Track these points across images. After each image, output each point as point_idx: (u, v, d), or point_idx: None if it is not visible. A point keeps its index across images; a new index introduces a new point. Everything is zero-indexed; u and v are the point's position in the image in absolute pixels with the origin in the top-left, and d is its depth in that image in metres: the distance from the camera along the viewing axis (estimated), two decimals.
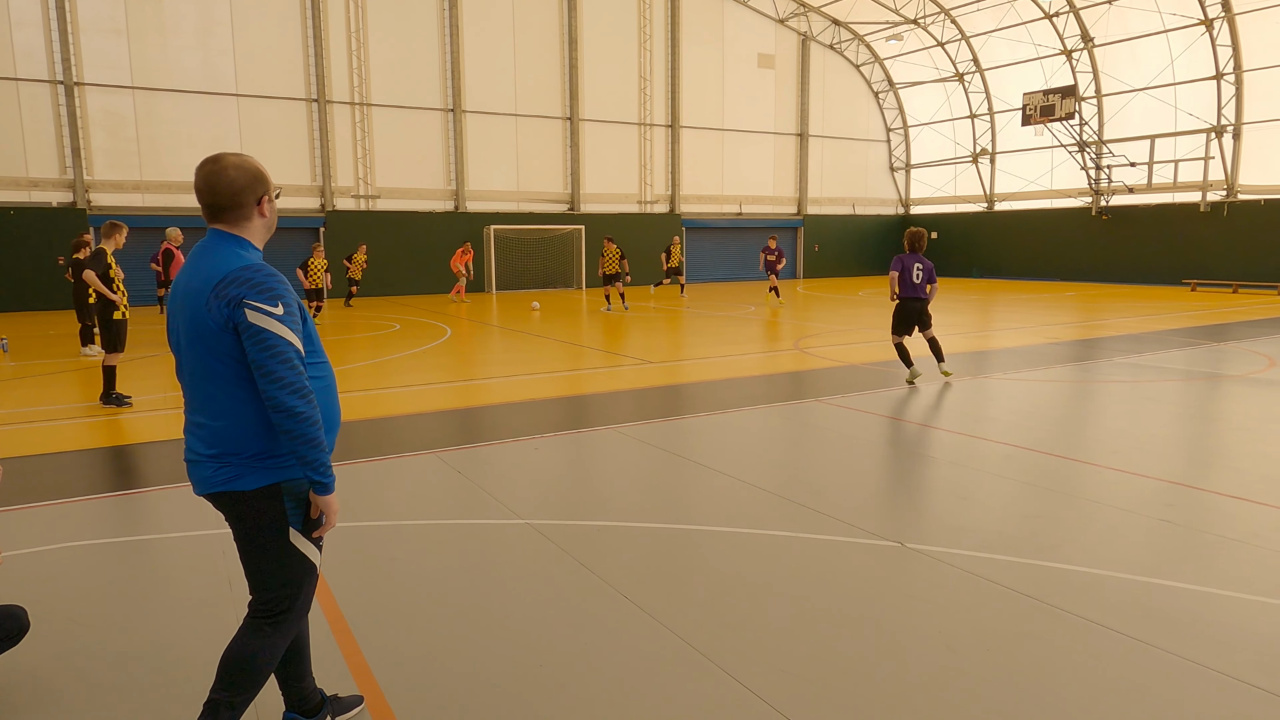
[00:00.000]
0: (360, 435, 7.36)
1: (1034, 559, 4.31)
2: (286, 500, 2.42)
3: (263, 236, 2.50)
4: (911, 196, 36.19)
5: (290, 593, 2.50)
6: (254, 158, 2.47)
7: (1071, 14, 27.76)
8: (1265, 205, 24.89)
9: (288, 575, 2.48)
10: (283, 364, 2.26)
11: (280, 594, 2.49)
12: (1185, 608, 3.73)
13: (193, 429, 2.43)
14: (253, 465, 2.37)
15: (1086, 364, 10.91)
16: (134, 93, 22.11)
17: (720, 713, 2.96)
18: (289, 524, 2.44)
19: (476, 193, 27.11)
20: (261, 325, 2.26)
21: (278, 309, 2.28)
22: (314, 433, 2.30)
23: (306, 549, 2.50)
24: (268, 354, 2.25)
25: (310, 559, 2.52)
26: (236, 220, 2.43)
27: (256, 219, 2.47)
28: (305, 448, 2.30)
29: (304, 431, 2.28)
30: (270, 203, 2.49)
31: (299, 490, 2.44)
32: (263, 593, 2.50)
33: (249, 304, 2.26)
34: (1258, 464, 6.06)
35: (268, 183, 2.49)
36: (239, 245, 2.41)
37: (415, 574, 4.21)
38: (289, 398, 2.26)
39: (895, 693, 3.07)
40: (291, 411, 2.26)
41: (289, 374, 2.27)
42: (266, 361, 2.25)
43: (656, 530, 4.81)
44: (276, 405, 2.26)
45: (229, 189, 2.39)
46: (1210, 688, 3.07)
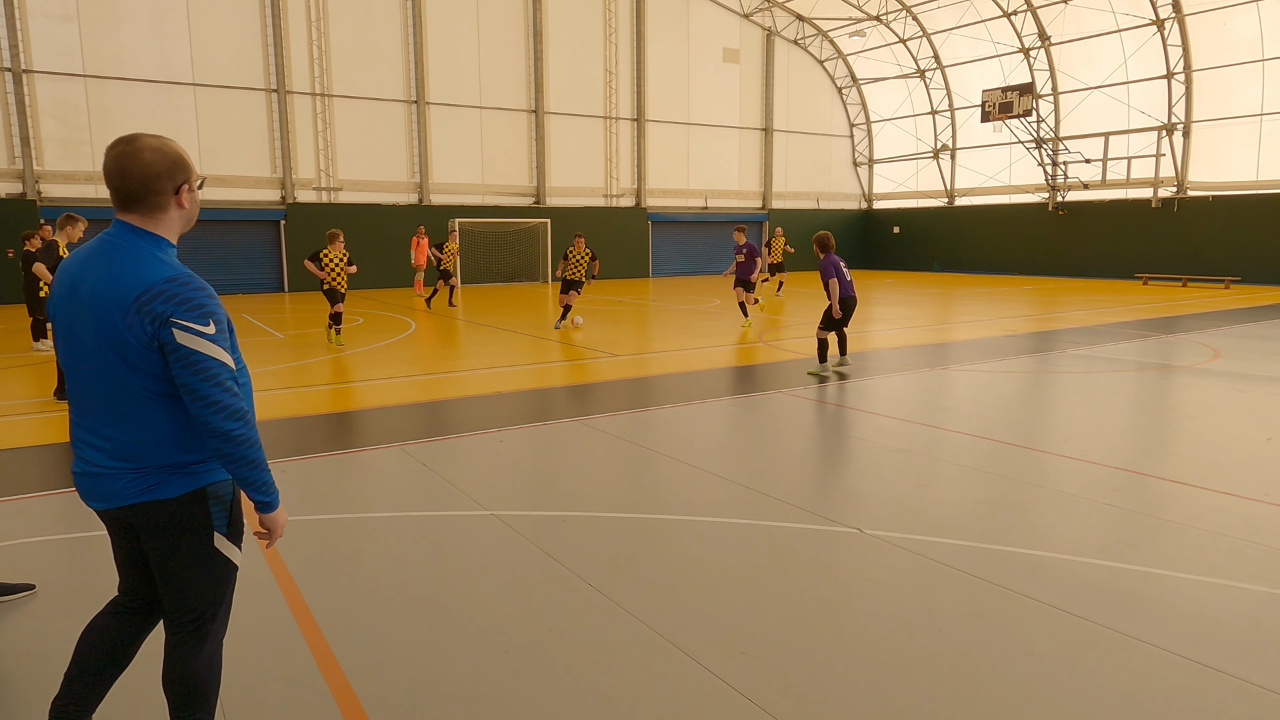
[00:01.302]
0: (323, 429, 7.32)
1: (985, 542, 4.45)
2: (211, 504, 2.29)
3: (179, 231, 2.28)
4: (874, 191, 36.66)
5: (214, 598, 2.36)
6: (176, 142, 2.24)
7: (1029, 13, 28.30)
8: (1213, 202, 25.66)
9: (212, 581, 2.34)
10: (215, 386, 2.11)
11: (204, 603, 2.35)
12: (1126, 587, 3.89)
13: (93, 441, 2.22)
14: (173, 472, 2.22)
15: (1042, 356, 11.20)
16: (86, 81, 21.55)
17: (682, 694, 3.04)
18: (214, 528, 2.31)
19: (441, 185, 26.90)
20: (192, 347, 2.09)
21: (209, 328, 2.12)
22: (253, 454, 2.18)
23: (230, 551, 2.37)
24: (199, 377, 2.10)
25: (233, 561, 2.39)
26: (150, 211, 2.19)
27: (174, 210, 2.22)
28: (244, 469, 2.18)
29: (244, 454, 2.16)
30: (191, 193, 2.25)
31: (224, 493, 2.32)
32: (183, 608, 2.34)
33: (177, 323, 2.08)
34: (1200, 450, 6.31)
35: (189, 170, 2.24)
36: (156, 246, 2.18)
37: (380, 566, 4.23)
38: (224, 422, 2.12)
39: (850, 672, 3.18)
40: (228, 435, 2.13)
41: (223, 397, 2.12)
42: (199, 385, 2.10)
43: (620, 520, 4.88)
44: (213, 430, 2.12)
45: (143, 174, 2.15)
46: (1147, 660, 3.22)
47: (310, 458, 6.29)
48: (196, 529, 2.28)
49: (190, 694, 2.39)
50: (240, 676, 3.16)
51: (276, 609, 3.73)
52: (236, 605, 3.77)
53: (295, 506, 5.15)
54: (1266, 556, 4.23)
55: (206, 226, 23.44)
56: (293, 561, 4.25)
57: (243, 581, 4.02)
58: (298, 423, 7.57)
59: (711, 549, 4.42)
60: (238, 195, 23.86)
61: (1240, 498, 5.15)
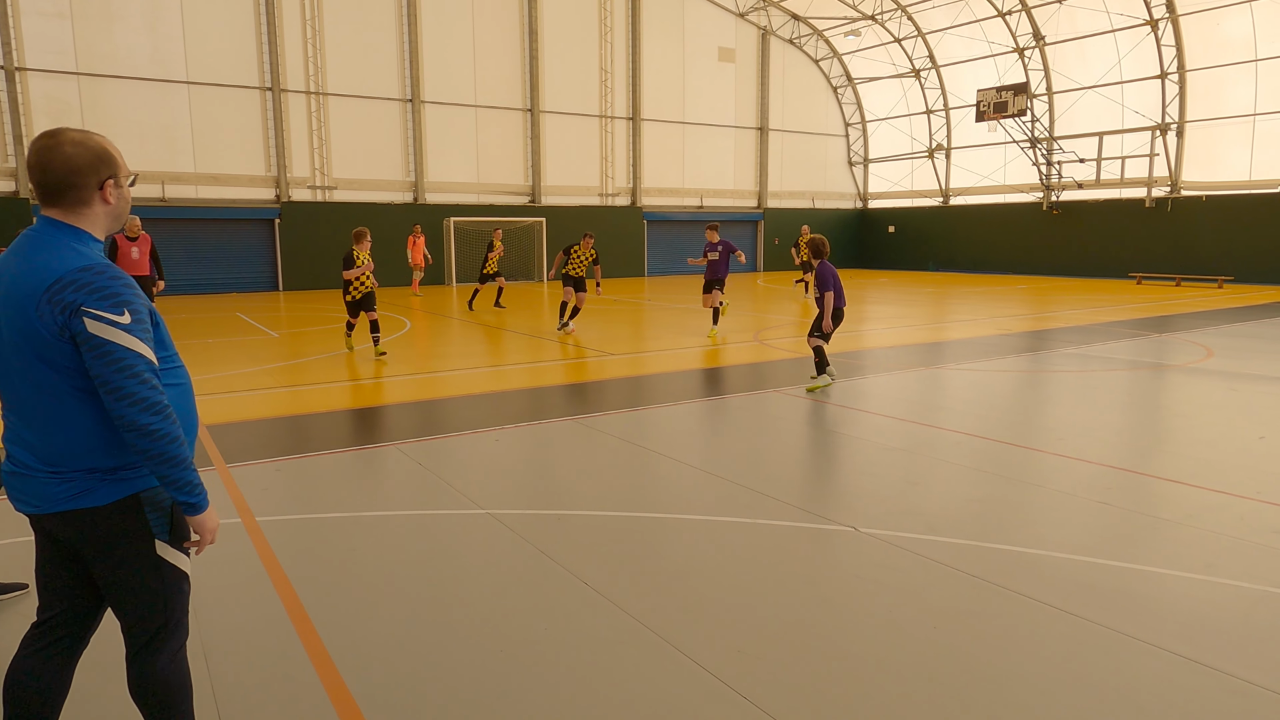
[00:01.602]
0: (317, 428, 7.30)
1: (979, 540, 4.47)
2: (148, 511, 2.18)
3: (106, 228, 2.20)
4: (869, 191, 36.71)
5: (166, 608, 2.25)
6: (104, 137, 2.18)
7: (1024, 12, 28.36)
8: (1207, 201, 25.74)
9: (163, 591, 2.23)
10: (131, 378, 2.00)
11: (156, 614, 2.24)
12: (1120, 584, 3.91)
13: (18, 441, 2.14)
14: (101, 478, 2.11)
15: (1036, 355, 11.23)
16: (79, 79, 21.46)
17: (678, 692, 3.04)
18: (154, 536, 2.20)
19: (436, 184, 26.85)
20: (104, 337, 1.99)
21: (123, 317, 2.01)
22: (175, 450, 2.06)
23: (175, 559, 2.26)
24: (112, 369, 1.99)
25: (181, 568, 2.28)
26: (73, 205, 2.11)
27: (98, 205, 2.15)
28: (166, 467, 2.06)
29: (163, 450, 2.04)
30: (117, 189, 2.18)
31: (161, 499, 2.20)
32: (136, 621, 2.24)
33: (88, 312, 1.98)
34: (1194, 449, 6.33)
35: (115, 165, 2.17)
36: (75, 238, 2.10)
37: (375, 564, 4.23)
38: (142, 415, 2.00)
39: (846, 669, 3.19)
40: (146, 430, 2.01)
41: (141, 389, 2.01)
42: (113, 377, 1.99)
43: (615, 518, 4.88)
44: (129, 424, 2.00)
45: (64, 167, 2.08)
46: (1141, 657, 3.23)
47: (305, 456, 6.28)
48: (135, 538, 2.16)
49: (160, 701, 2.29)
50: (236, 675, 3.16)
51: (272, 608, 3.72)
52: (232, 604, 3.77)
53: (289, 505, 5.14)
54: (1259, 554, 4.25)
55: (200, 225, 23.37)
56: (288, 560, 4.24)
57: (237, 580, 4.02)
58: (292, 421, 7.56)
59: (707, 547, 4.42)
60: (232, 194, 23.78)
61: (1234, 496, 5.17)
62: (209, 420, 7.45)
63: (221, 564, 4.22)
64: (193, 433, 2.27)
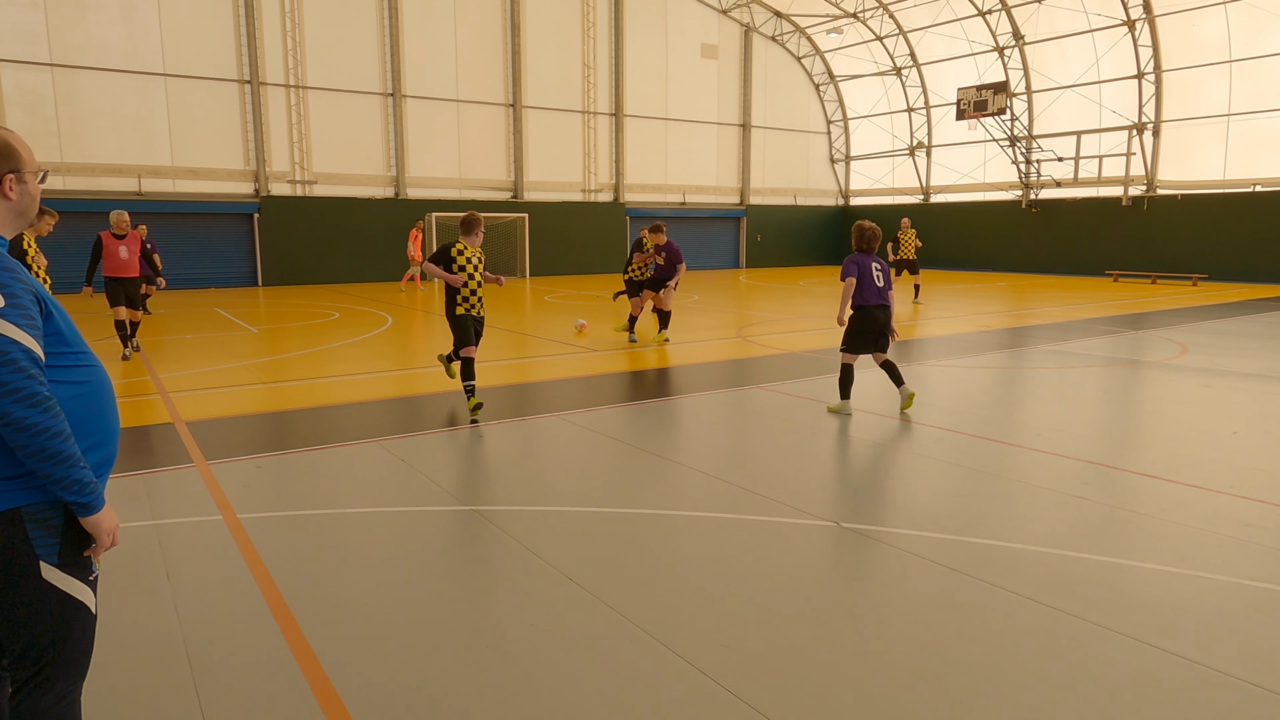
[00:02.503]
0: (299, 424, 7.25)
1: (959, 535, 4.52)
2: (30, 530, 1.98)
3: (12, 225, 2.10)
4: (851, 188, 36.89)
5: (54, 640, 2.03)
6: (10, 131, 2.11)
7: (1004, 12, 28.59)
8: (1182, 200, 26.11)
9: (48, 621, 2.02)
10: (5, 367, 1.86)
11: (41, 643, 2.02)
12: (1097, 577, 3.97)
13: None
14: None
15: (1015, 351, 11.35)
16: (53, 70, 21.12)
17: (664, 686, 3.06)
18: (38, 557, 1.99)
19: (417, 179, 26.69)
20: None
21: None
22: (57, 446, 1.90)
23: (69, 586, 2.04)
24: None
25: (76, 597, 2.05)
26: None
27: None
28: (49, 464, 1.90)
29: (43, 446, 1.88)
30: (20, 184, 2.08)
31: (45, 515, 2.00)
32: (17, 643, 2.03)
33: None
34: (1168, 444, 6.44)
35: (17, 159, 2.08)
36: None
37: (359, 561, 4.21)
38: (16, 407, 1.85)
39: (829, 663, 3.22)
40: (22, 424, 1.86)
41: (15, 379, 1.86)
42: None
43: (600, 514, 4.89)
44: (4, 420, 1.86)
45: None
46: (1117, 649, 3.29)
47: (286, 453, 6.23)
48: (15, 558, 1.97)
49: None
50: (219, 675, 3.14)
51: (255, 605, 3.70)
52: (215, 604, 3.74)
53: (272, 502, 5.11)
54: (1233, 547, 4.33)
55: (178, 219, 23.09)
56: (270, 558, 4.22)
57: (219, 578, 3.99)
58: (273, 418, 7.50)
59: (691, 543, 4.44)
60: (210, 188, 23.52)
61: (1207, 490, 5.26)
62: (187, 417, 7.38)
63: (203, 562, 4.19)
64: (113, 435, 2.15)
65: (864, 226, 7.48)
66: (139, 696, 2.98)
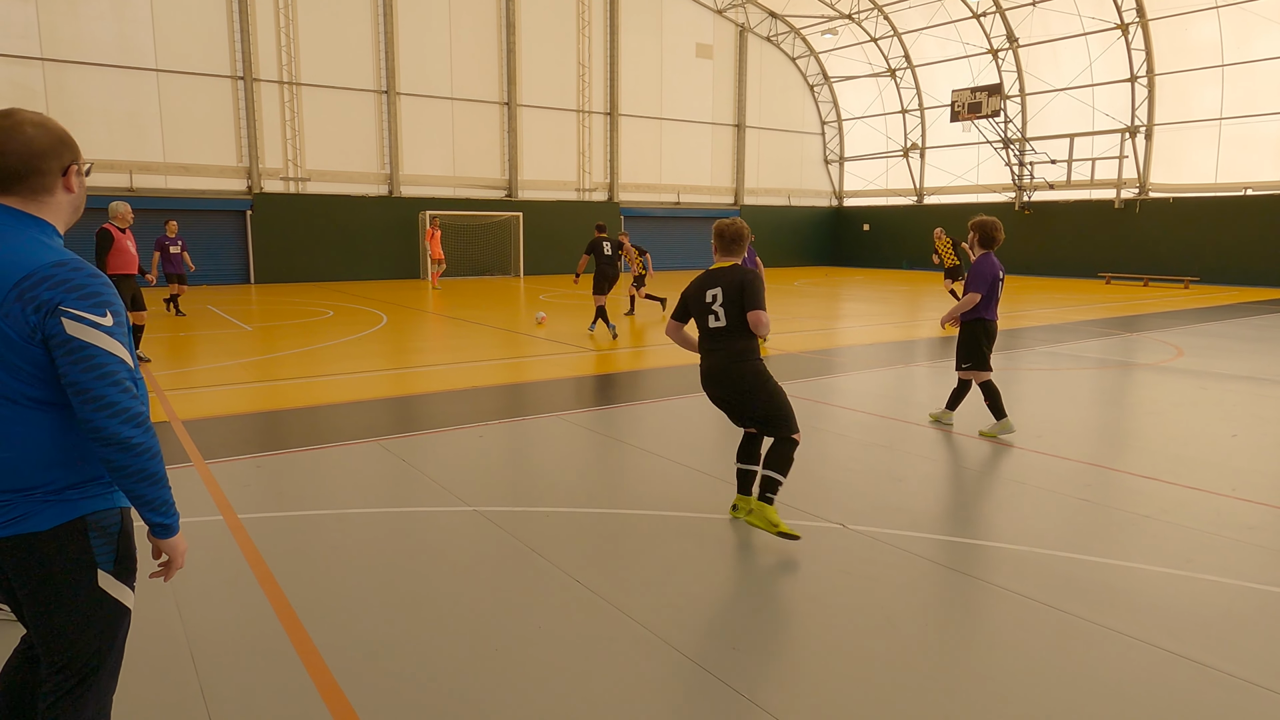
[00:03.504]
0: (297, 423, 7.21)
1: (964, 537, 4.52)
2: (93, 537, 1.96)
3: (68, 219, 2.01)
4: (845, 189, 36.97)
5: (100, 648, 2.02)
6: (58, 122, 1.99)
7: (998, 14, 28.70)
8: (1174, 203, 26.26)
9: (99, 629, 2.00)
10: (112, 386, 1.82)
11: (88, 654, 2.00)
12: (1101, 579, 3.98)
13: None
14: (47, 500, 1.90)
15: (1010, 353, 11.39)
16: (44, 64, 20.95)
17: (672, 688, 3.04)
18: (97, 566, 1.97)
19: (411, 177, 26.60)
20: (86, 340, 1.80)
21: (105, 319, 1.84)
22: (152, 466, 1.90)
23: (119, 592, 2.04)
24: (93, 375, 1.80)
25: (124, 603, 2.06)
26: (34, 193, 1.91)
27: (61, 194, 1.95)
28: (142, 485, 1.89)
29: (143, 466, 1.87)
30: (79, 176, 1.99)
31: (108, 523, 1.99)
32: (62, 654, 1.99)
33: (68, 312, 1.79)
34: (1167, 446, 6.46)
35: (76, 150, 1.98)
36: (40, 230, 1.90)
37: (363, 562, 4.18)
38: (122, 427, 1.83)
39: (839, 665, 3.21)
40: (126, 444, 1.84)
41: (121, 398, 1.83)
42: (93, 385, 1.80)
43: (603, 515, 4.87)
44: (107, 437, 1.82)
45: (25, 150, 1.87)
46: (1125, 651, 3.29)
47: (285, 453, 6.19)
48: (75, 568, 1.94)
49: None
50: (224, 676, 3.11)
51: (259, 607, 3.67)
52: (218, 605, 3.71)
53: (272, 503, 5.07)
54: (1236, 549, 4.35)
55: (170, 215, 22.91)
56: (272, 559, 4.18)
57: (222, 580, 3.96)
58: (271, 417, 7.45)
59: (696, 543, 4.43)
60: (202, 184, 23.38)
61: (1209, 492, 5.28)
62: (184, 416, 7.32)
63: (205, 563, 4.15)
64: None
65: (991, 222, 6.63)
66: (145, 699, 2.94)
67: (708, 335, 4.57)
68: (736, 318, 4.44)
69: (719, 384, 4.56)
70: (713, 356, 4.55)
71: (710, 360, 4.57)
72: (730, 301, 4.44)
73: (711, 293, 4.50)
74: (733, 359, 4.48)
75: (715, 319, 4.50)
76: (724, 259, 4.61)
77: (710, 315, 4.51)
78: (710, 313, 4.50)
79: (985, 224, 6.67)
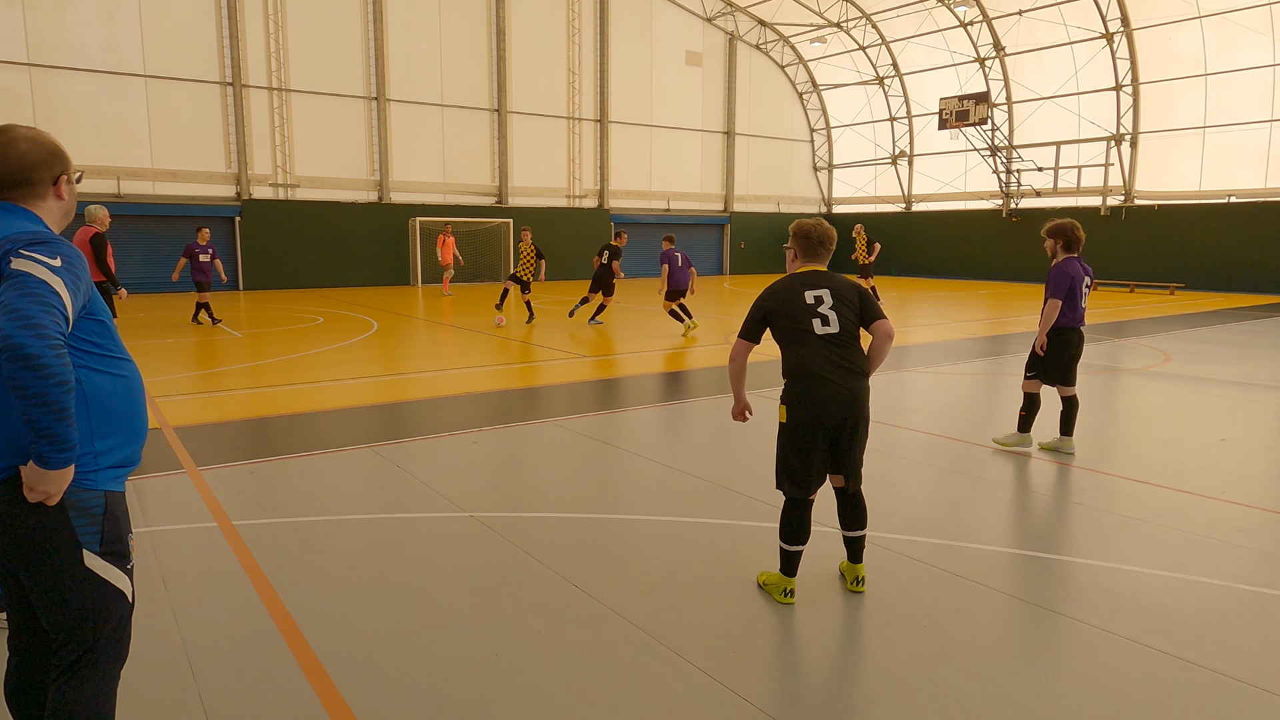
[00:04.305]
0: (289, 429, 7.17)
1: (958, 540, 4.55)
2: (74, 518, 2.03)
3: (59, 222, 2.18)
4: (834, 196, 37.16)
5: (95, 628, 2.09)
6: (51, 135, 2.21)
7: (985, 23, 28.96)
8: (1159, 210, 26.52)
9: (89, 608, 2.08)
10: (34, 303, 1.82)
11: (81, 630, 2.08)
12: (1095, 582, 4.01)
13: None
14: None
15: (999, 358, 11.47)
16: (30, 69, 20.81)
17: (673, 692, 3.05)
18: (82, 546, 2.05)
19: (401, 184, 26.55)
20: (26, 270, 1.87)
21: (55, 260, 1.92)
22: (53, 393, 1.81)
23: (109, 574, 2.09)
24: (20, 292, 1.83)
25: (116, 585, 2.12)
26: (27, 199, 2.11)
27: (52, 200, 2.16)
28: (37, 410, 1.81)
29: (40, 389, 1.80)
30: (69, 184, 2.19)
31: (88, 504, 2.05)
32: (58, 631, 2.09)
33: (21, 253, 1.90)
34: (1156, 450, 6.52)
35: (66, 161, 2.19)
36: (28, 218, 2.08)
37: (360, 568, 4.17)
38: (27, 335, 1.78)
39: (837, 667, 3.23)
40: (24, 353, 1.77)
41: (38, 313, 1.81)
42: (16, 299, 1.82)
43: (600, 520, 4.87)
44: (12, 347, 1.77)
45: (19, 163, 2.08)
46: (1119, 651, 3.32)
47: (279, 459, 6.16)
48: (61, 546, 2.02)
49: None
50: (222, 682, 3.09)
51: (255, 612, 3.65)
52: (214, 611, 3.69)
53: (266, 509, 5.04)
54: (1227, 551, 4.39)
55: (158, 221, 22.81)
56: (268, 565, 4.16)
57: (217, 585, 3.93)
58: (262, 424, 7.41)
59: (692, 548, 4.44)
60: (190, 190, 23.26)
61: (1200, 496, 5.33)
62: (175, 422, 7.27)
63: (200, 569, 4.12)
64: (140, 433, 2.17)
65: (1074, 224, 6.17)
66: (143, 704, 2.92)
67: (822, 344, 3.69)
68: (852, 326, 3.74)
69: (853, 405, 3.69)
70: (839, 372, 3.68)
71: (839, 376, 3.67)
72: (845, 305, 3.75)
73: (816, 294, 3.77)
74: (863, 375, 3.74)
75: (824, 324, 3.71)
76: (812, 263, 3.98)
77: (818, 319, 3.71)
78: (818, 316, 3.72)
79: (1065, 228, 6.11)
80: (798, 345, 3.72)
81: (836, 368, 3.67)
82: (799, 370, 3.70)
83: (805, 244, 4.00)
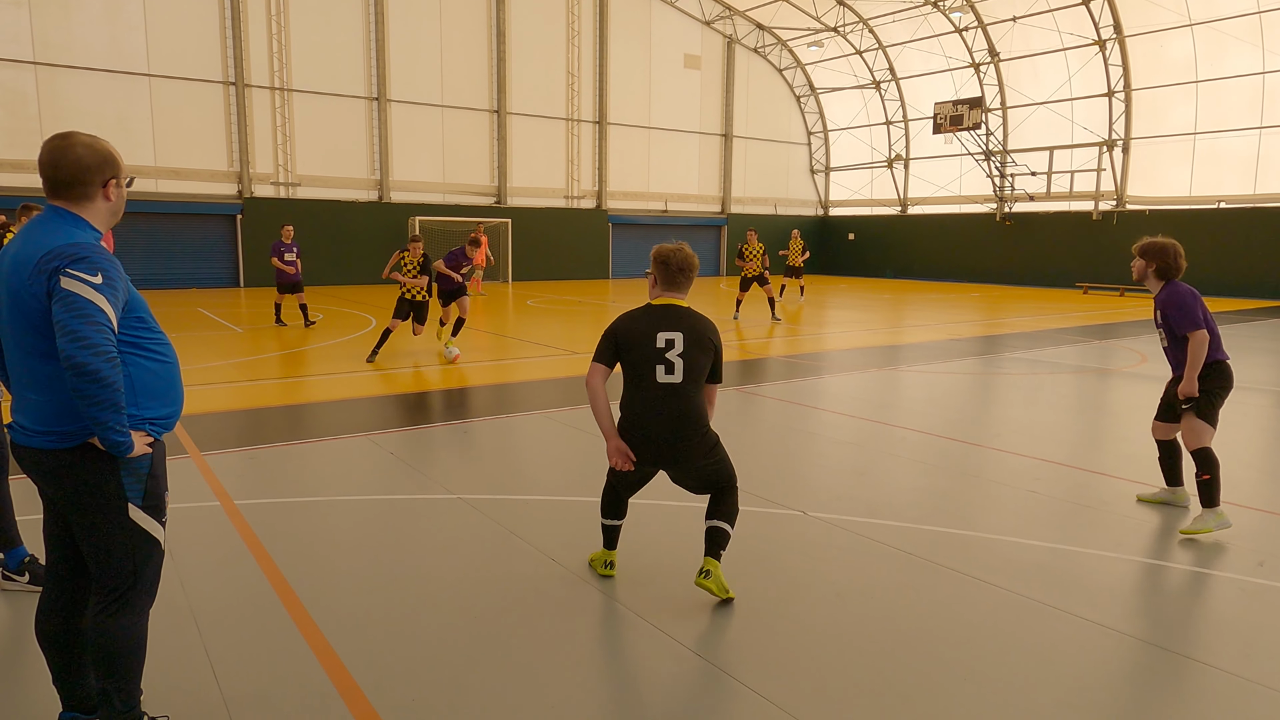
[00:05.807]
0: (289, 420, 7.45)
1: (916, 523, 4.83)
2: (124, 475, 2.40)
3: (106, 221, 2.44)
4: (830, 199, 37.45)
5: (135, 569, 2.46)
6: (109, 142, 2.45)
7: (980, 29, 29.26)
8: (1150, 215, 26.80)
9: (131, 551, 2.44)
10: (86, 323, 2.18)
11: (123, 572, 2.45)
12: (1039, 561, 4.29)
13: (21, 405, 2.41)
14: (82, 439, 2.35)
15: (986, 358, 11.75)
16: (36, 68, 21.10)
17: (648, 657, 3.33)
18: (128, 500, 2.42)
19: (401, 183, 26.84)
20: (73, 290, 2.20)
21: (95, 277, 2.23)
22: (105, 394, 2.20)
23: (149, 525, 2.47)
24: (71, 313, 2.18)
25: (153, 535, 2.49)
26: (78, 199, 2.37)
27: (100, 201, 2.41)
28: (95, 409, 2.21)
29: (97, 394, 2.19)
30: (118, 188, 2.43)
31: (135, 465, 2.41)
32: (102, 572, 2.45)
33: (66, 273, 2.21)
34: (1118, 445, 6.80)
35: (119, 166, 2.43)
36: (75, 224, 2.35)
37: (354, 542, 4.45)
38: (83, 353, 2.16)
39: (793, 634, 3.51)
40: (82, 369, 2.16)
41: (91, 333, 2.18)
42: (70, 321, 2.18)
43: (582, 503, 5.15)
44: (72, 363, 2.16)
45: (74, 165, 2.34)
46: (1062, 624, 3.60)
47: (277, 446, 6.43)
48: (109, 499, 2.39)
49: (108, 662, 2.44)
50: (226, 640, 3.37)
51: (259, 586, 3.92)
52: (218, 579, 3.97)
53: (266, 490, 5.32)
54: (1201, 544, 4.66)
55: (160, 219, 23.09)
56: (269, 540, 4.43)
57: (221, 558, 4.21)
58: (263, 414, 7.69)
59: (667, 529, 4.71)
60: (193, 189, 23.54)
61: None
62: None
63: (204, 542, 4.40)
64: (177, 404, 2.54)
65: (1175, 248, 5.14)
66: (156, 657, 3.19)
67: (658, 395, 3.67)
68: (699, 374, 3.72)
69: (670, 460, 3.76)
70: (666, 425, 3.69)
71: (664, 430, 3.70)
72: (700, 350, 3.70)
73: (669, 337, 3.68)
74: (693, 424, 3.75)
75: (668, 371, 3.66)
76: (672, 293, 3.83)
77: (662, 366, 3.67)
78: (663, 363, 3.67)
79: (1164, 249, 5.10)
80: (633, 388, 3.72)
81: (665, 421, 3.64)
82: (627, 413, 3.75)
83: (665, 271, 3.79)
